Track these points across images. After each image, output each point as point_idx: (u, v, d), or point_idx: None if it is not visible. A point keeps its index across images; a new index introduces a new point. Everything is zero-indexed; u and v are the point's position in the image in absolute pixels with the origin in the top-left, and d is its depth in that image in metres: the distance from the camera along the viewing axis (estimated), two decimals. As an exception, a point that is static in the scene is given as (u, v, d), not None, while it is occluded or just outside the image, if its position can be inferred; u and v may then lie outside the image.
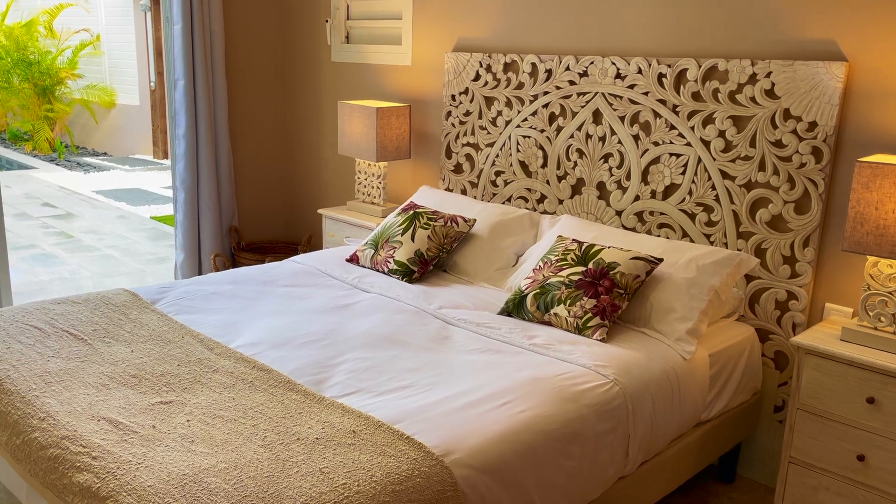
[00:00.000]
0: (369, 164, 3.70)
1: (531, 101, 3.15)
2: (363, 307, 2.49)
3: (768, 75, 2.46)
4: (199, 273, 4.17)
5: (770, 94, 2.48)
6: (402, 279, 2.76)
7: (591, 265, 2.36)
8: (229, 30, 4.11)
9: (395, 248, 2.83)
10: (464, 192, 3.49)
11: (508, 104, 3.24)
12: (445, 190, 3.55)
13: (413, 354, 2.12)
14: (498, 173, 3.33)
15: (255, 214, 4.44)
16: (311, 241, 4.37)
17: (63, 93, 10.00)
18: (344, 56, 4.04)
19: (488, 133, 3.34)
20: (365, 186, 3.75)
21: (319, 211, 3.79)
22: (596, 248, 2.42)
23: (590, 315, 2.25)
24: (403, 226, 2.89)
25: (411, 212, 2.95)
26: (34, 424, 1.67)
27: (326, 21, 4.06)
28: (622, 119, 2.85)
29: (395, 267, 2.79)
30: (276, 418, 1.72)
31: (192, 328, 2.25)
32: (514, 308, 2.42)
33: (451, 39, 3.50)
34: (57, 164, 9.17)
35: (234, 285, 2.67)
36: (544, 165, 3.14)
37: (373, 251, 2.90)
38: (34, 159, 9.37)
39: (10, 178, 8.29)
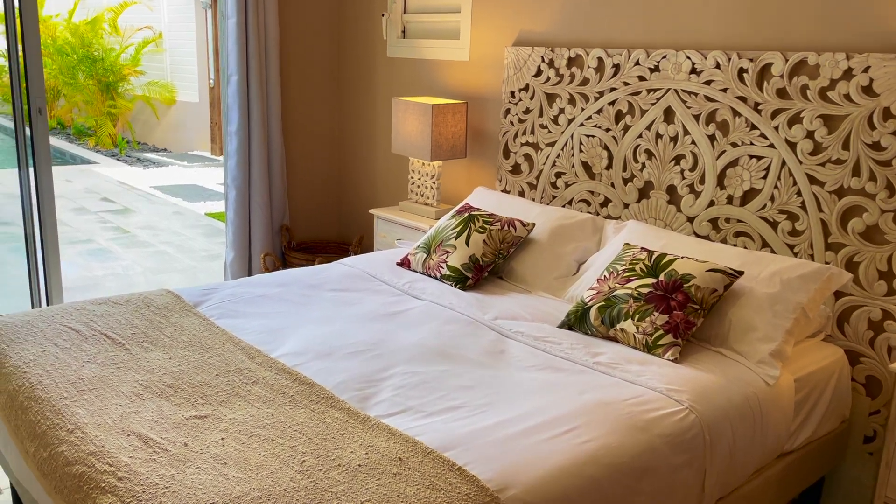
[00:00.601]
0: (423, 164, 3.56)
1: (596, 98, 2.94)
2: (413, 315, 2.34)
3: (866, 70, 2.21)
4: (249, 272, 4.09)
5: (868, 90, 2.22)
6: (455, 286, 2.60)
7: (662, 277, 2.15)
8: (284, 24, 4.02)
9: (449, 252, 2.67)
10: (521, 193, 3.31)
11: (571, 101, 3.05)
12: (502, 191, 3.37)
13: (466, 370, 1.96)
14: (559, 174, 3.14)
15: (306, 213, 4.35)
16: (362, 242, 4.25)
17: (126, 89, 10.19)
18: (399, 51, 3.91)
19: (549, 132, 3.15)
20: (418, 186, 3.60)
21: (371, 211, 3.66)
22: (668, 258, 2.21)
23: (661, 332, 2.05)
24: (458, 229, 2.73)
25: (466, 214, 2.79)
26: (62, 437, 1.57)
27: (383, 15, 3.93)
28: (697, 118, 2.62)
29: (448, 273, 2.63)
30: (316, 439, 1.58)
31: (233, 334, 2.14)
32: (576, 321, 2.23)
33: (511, 33, 3.32)
34: (118, 160, 9.34)
35: (280, 288, 2.55)
36: (609, 167, 2.93)
37: (425, 255, 2.75)
38: (96, 154, 9.57)
39: (72, 172, 8.46)
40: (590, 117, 2.98)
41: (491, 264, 2.65)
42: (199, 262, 5.05)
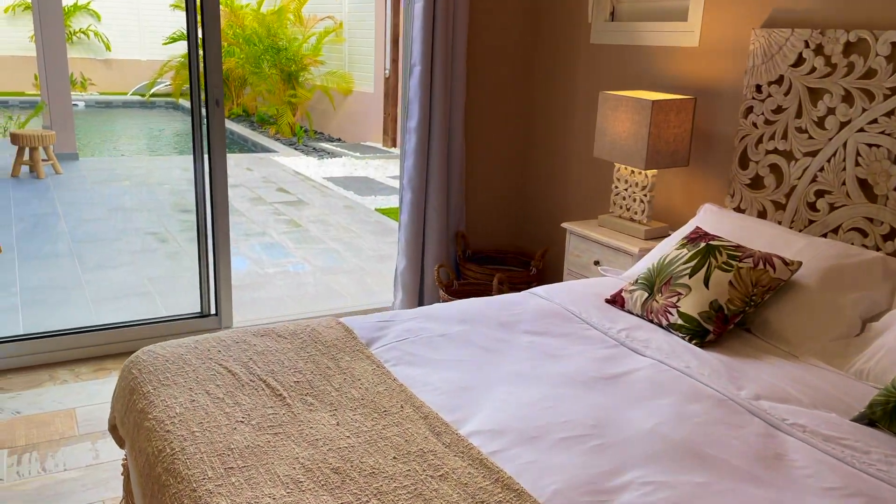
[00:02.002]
0: (632, 172, 2.96)
1: (886, 97, 2.21)
2: (639, 382, 1.78)
3: None
4: (421, 282, 3.71)
5: None
6: (689, 340, 2.01)
7: None
8: (474, 7, 3.56)
9: (680, 294, 2.07)
10: (761, 214, 2.63)
11: (847, 99, 2.32)
12: (734, 210, 2.71)
13: (732, 486, 1.37)
14: (821, 193, 2.43)
15: (483, 219, 3.89)
16: (545, 256, 3.73)
17: (306, 79, 10.35)
18: (607, 37, 3.32)
19: (810, 138, 2.44)
20: (624, 199, 3.01)
21: (564, 225, 3.12)
22: None
23: None
24: (693, 263, 2.12)
25: (703, 244, 2.17)
26: (199, 544, 1.19)
27: (588, -6, 3.36)
28: None
29: (680, 322, 2.03)
30: None
31: (413, 392, 1.70)
32: (884, 417, 1.57)
33: (760, 11, 2.63)
34: (295, 149, 9.48)
35: (465, 326, 2.09)
36: (904, 188, 2.19)
37: (646, 294, 2.17)
38: (276, 143, 9.79)
39: (253, 160, 8.66)
40: (874, 121, 2.25)
41: (739, 314, 2.02)
42: (368, 262, 4.78)
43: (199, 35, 3.09)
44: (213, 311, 3.44)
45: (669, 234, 2.92)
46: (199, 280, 3.44)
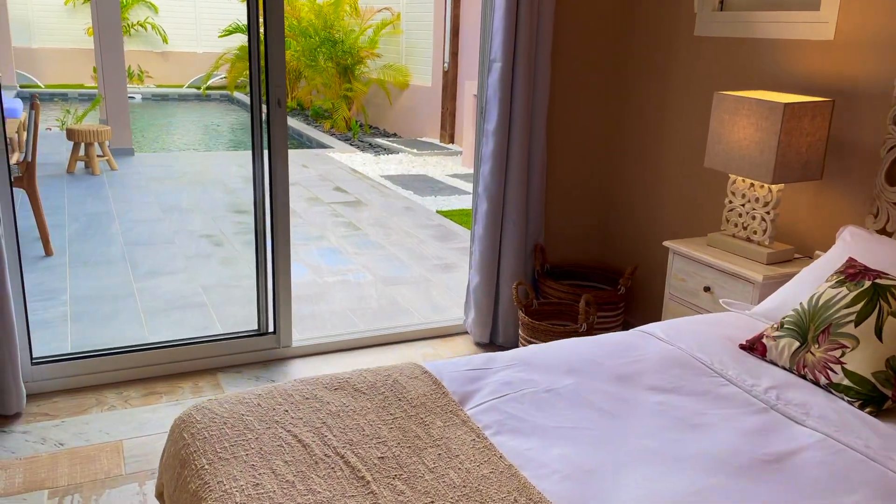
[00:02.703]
0: (752, 185, 2.55)
1: None
2: (811, 467, 1.40)
3: None
4: (496, 300, 3.36)
5: None
6: (859, 407, 1.62)
7: None
8: (561, -4, 3.19)
9: (846, 347, 1.68)
10: (916, 239, 2.20)
11: None
12: (879, 232, 2.29)
13: None
14: None
15: (563, 230, 3.52)
16: (635, 274, 3.35)
17: (361, 72, 10.08)
18: (715, 28, 2.91)
19: None
20: (741, 216, 2.61)
21: (667, 244, 2.73)
22: None
23: None
24: (858, 307, 1.72)
25: (867, 282, 1.77)
26: None
27: (694, -20, 2.96)
28: None
29: (847, 382, 1.64)
30: None
31: (525, 476, 1.35)
32: None
33: (920, -3, 2.20)
34: (351, 144, 9.23)
35: (575, 378, 1.74)
36: None
37: (797, 343, 1.78)
38: (331, 138, 9.55)
39: (308, 157, 8.43)
40: None
41: (924, 376, 1.62)
42: (432, 272, 4.46)
43: (261, 30, 2.80)
44: (270, 329, 3.17)
45: (795, 258, 2.52)
46: (257, 295, 3.17)
